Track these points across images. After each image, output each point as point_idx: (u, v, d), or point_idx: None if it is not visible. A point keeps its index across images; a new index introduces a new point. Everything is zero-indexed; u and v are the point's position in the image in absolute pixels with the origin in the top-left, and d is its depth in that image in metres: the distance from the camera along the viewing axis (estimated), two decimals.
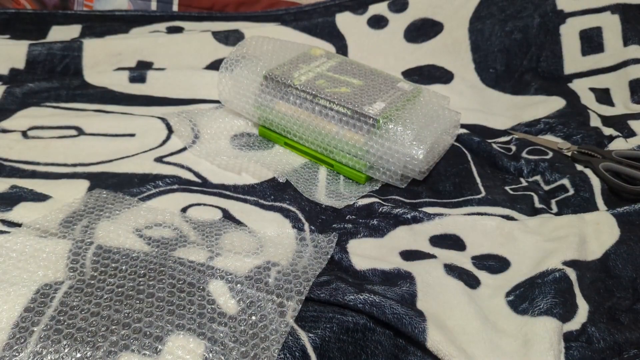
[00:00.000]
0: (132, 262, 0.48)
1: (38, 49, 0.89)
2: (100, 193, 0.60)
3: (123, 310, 0.44)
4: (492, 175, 0.70)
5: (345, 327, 0.45)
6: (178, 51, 0.94)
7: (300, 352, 0.43)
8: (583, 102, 0.86)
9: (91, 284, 0.46)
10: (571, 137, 0.78)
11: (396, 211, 0.61)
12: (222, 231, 0.56)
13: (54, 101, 0.81)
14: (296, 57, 0.75)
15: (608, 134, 0.78)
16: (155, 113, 0.78)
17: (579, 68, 0.92)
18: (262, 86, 0.71)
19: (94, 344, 0.41)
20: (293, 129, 0.70)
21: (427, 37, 0.98)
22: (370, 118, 0.64)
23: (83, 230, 0.53)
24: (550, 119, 0.81)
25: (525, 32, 0.95)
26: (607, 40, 0.92)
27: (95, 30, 0.99)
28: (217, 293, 0.46)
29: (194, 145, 0.72)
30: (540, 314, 0.49)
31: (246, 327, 0.44)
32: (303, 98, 0.68)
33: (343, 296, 0.47)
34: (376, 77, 0.72)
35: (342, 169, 0.68)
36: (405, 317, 0.46)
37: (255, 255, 0.53)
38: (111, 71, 0.88)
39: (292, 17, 1.04)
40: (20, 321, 0.41)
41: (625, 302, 0.53)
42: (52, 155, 0.68)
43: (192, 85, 0.86)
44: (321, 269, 0.51)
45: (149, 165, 0.67)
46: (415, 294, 0.50)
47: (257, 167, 0.68)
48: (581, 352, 0.47)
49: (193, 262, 0.49)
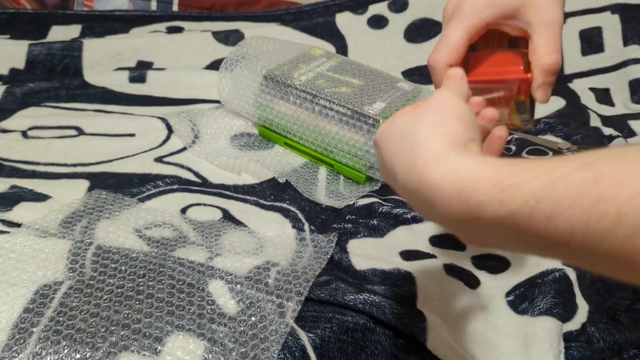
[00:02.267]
0: (131, 263, 0.48)
1: (38, 49, 0.89)
2: (100, 193, 0.60)
3: (122, 311, 0.43)
4: None
5: (345, 327, 0.45)
6: (178, 51, 0.94)
7: (300, 352, 0.43)
8: (583, 102, 0.86)
9: (91, 284, 0.46)
10: (571, 137, 0.78)
11: (396, 211, 0.61)
12: (222, 231, 0.56)
13: (54, 101, 0.81)
14: (296, 57, 0.75)
15: (608, 134, 0.78)
16: (155, 113, 0.78)
17: (579, 68, 0.92)
18: (262, 86, 0.71)
19: (94, 345, 0.40)
20: (293, 129, 0.70)
21: (427, 37, 0.98)
22: (370, 118, 0.64)
23: (83, 231, 0.53)
24: (550, 119, 0.81)
25: None
26: (607, 40, 0.92)
27: (95, 30, 0.99)
28: (217, 293, 0.46)
29: (194, 145, 0.71)
30: (540, 314, 0.49)
31: (246, 327, 0.44)
32: (303, 98, 0.68)
33: (343, 296, 0.47)
34: (376, 77, 0.72)
35: (342, 169, 0.68)
36: (405, 317, 0.46)
37: (255, 255, 0.53)
38: (111, 71, 0.88)
39: (292, 17, 1.04)
40: (19, 322, 0.41)
41: (625, 302, 0.52)
42: (52, 155, 0.68)
43: (192, 85, 0.86)
44: (321, 269, 0.51)
45: (149, 165, 0.67)
46: (415, 294, 0.50)
47: (257, 167, 0.68)
48: (581, 352, 0.47)
49: (193, 263, 0.49)
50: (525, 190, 0.25)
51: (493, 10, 0.41)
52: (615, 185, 0.22)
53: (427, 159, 0.30)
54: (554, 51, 0.40)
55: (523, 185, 0.25)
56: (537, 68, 0.41)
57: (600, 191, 0.22)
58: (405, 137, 0.33)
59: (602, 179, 0.22)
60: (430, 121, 0.32)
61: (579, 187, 0.23)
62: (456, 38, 0.42)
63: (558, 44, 0.40)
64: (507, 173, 0.26)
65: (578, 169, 0.24)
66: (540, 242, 0.25)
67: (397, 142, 0.33)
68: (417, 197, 0.31)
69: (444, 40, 0.43)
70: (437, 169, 0.29)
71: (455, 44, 0.42)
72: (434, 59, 0.43)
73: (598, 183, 0.22)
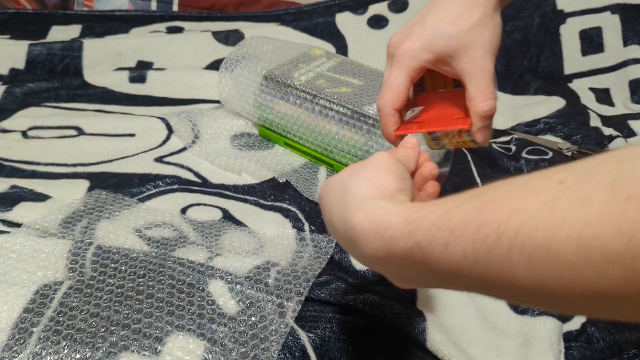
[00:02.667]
0: (131, 263, 0.48)
1: (38, 49, 0.89)
2: (100, 193, 0.60)
3: (122, 311, 0.43)
4: (492, 175, 0.70)
5: (345, 327, 0.45)
6: (178, 51, 0.94)
7: (300, 352, 0.43)
8: (583, 102, 0.86)
9: (91, 284, 0.46)
10: (571, 137, 0.78)
11: None
12: (222, 231, 0.56)
13: (54, 101, 0.81)
14: (296, 57, 0.75)
15: (608, 134, 0.78)
16: (155, 113, 0.78)
17: (579, 68, 0.92)
18: (262, 86, 0.71)
19: (94, 345, 0.40)
20: (293, 129, 0.70)
21: None
22: (370, 118, 0.64)
23: (83, 231, 0.53)
24: (550, 119, 0.81)
25: (525, 32, 0.95)
26: (607, 40, 0.92)
27: (95, 30, 0.99)
28: (217, 293, 0.46)
29: (194, 145, 0.71)
30: (540, 313, 0.49)
31: (246, 327, 0.44)
32: (303, 98, 0.68)
33: (343, 296, 0.47)
34: (376, 77, 0.72)
35: (342, 169, 0.68)
36: (405, 317, 0.46)
37: (255, 255, 0.53)
38: (111, 71, 0.88)
39: (292, 17, 1.04)
40: (19, 322, 0.41)
41: None
42: (52, 155, 0.68)
43: (192, 85, 0.86)
44: (321, 269, 0.51)
45: (149, 165, 0.67)
46: (415, 294, 0.50)
47: (257, 167, 0.68)
48: (581, 352, 0.47)
49: (193, 263, 0.49)
50: (427, 221, 0.27)
51: (430, 55, 0.44)
52: (494, 210, 0.24)
53: (355, 204, 0.33)
54: (489, 97, 0.43)
55: (426, 217, 0.28)
56: (474, 115, 0.44)
57: (483, 217, 0.25)
58: (341, 188, 0.36)
59: (484, 206, 0.25)
60: (364, 174, 0.36)
61: (468, 215, 0.25)
62: (398, 83, 0.45)
63: (492, 90, 0.43)
64: (415, 208, 0.29)
65: (468, 199, 0.26)
66: (444, 270, 0.27)
67: (334, 192, 0.37)
68: (347, 241, 0.34)
69: (388, 85, 0.46)
70: (361, 212, 0.32)
71: (397, 89, 0.45)
72: (381, 104, 0.46)
73: (481, 209, 0.25)
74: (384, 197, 0.33)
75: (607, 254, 0.20)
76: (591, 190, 0.21)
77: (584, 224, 0.21)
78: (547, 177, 0.23)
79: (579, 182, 0.22)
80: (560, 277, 0.22)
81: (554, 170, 0.24)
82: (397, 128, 0.47)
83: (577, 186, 0.22)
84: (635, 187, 0.20)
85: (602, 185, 0.21)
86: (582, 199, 0.21)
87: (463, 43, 0.42)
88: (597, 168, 0.22)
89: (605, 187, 0.21)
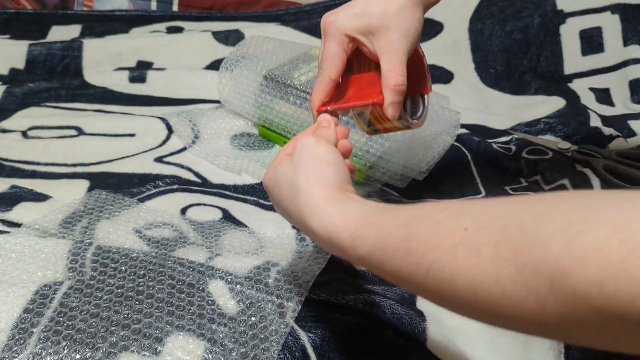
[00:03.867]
0: (131, 263, 0.48)
1: (38, 49, 0.89)
2: (100, 193, 0.60)
3: (122, 311, 0.43)
4: (492, 175, 0.70)
5: (345, 327, 0.45)
6: (178, 51, 0.94)
7: (300, 352, 0.43)
8: (583, 102, 0.86)
9: (91, 284, 0.46)
10: (571, 137, 0.78)
11: None
12: (222, 231, 0.56)
13: (54, 101, 0.81)
14: (296, 57, 0.75)
15: (608, 134, 0.78)
16: (155, 113, 0.78)
17: (579, 68, 0.92)
18: (262, 86, 0.71)
19: (94, 345, 0.40)
20: (293, 129, 0.70)
21: (427, 37, 0.98)
22: None
23: (83, 231, 0.53)
24: (550, 119, 0.81)
25: (525, 32, 0.95)
26: (607, 40, 0.92)
27: (95, 30, 0.99)
28: (217, 293, 0.46)
29: (194, 145, 0.71)
30: None
31: (246, 327, 0.44)
32: (303, 98, 0.68)
33: (343, 296, 0.47)
34: None
35: None
36: (405, 317, 0.46)
37: (255, 255, 0.53)
38: (111, 71, 0.89)
39: (292, 17, 1.04)
40: (19, 322, 0.41)
41: None
42: (52, 155, 0.68)
43: (192, 85, 0.86)
44: (321, 269, 0.51)
45: (149, 165, 0.67)
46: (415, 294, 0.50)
47: (257, 167, 0.68)
48: (581, 352, 0.47)
49: (193, 263, 0.49)
50: (367, 241, 0.34)
51: (357, 23, 0.48)
52: (417, 242, 0.30)
53: (310, 209, 0.38)
54: (399, 74, 0.47)
55: (365, 238, 0.34)
56: (386, 89, 0.48)
57: (408, 246, 0.30)
58: (288, 185, 0.41)
59: (411, 237, 0.30)
60: (304, 170, 0.40)
61: (397, 243, 0.31)
62: (333, 53, 0.50)
63: (403, 69, 0.47)
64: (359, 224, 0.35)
65: (397, 228, 0.32)
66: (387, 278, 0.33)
67: (283, 189, 0.42)
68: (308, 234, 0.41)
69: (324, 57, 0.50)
70: (316, 220, 0.37)
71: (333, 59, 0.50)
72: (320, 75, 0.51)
73: (408, 240, 0.31)
74: (334, 191, 0.38)
75: (490, 296, 0.26)
76: (483, 245, 0.26)
77: (476, 271, 0.26)
78: (457, 221, 0.29)
79: (477, 235, 0.27)
80: (460, 306, 0.28)
81: (464, 214, 0.29)
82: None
83: (476, 238, 0.27)
84: (510, 251, 0.25)
85: (491, 242, 0.26)
86: (477, 251, 0.27)
87: (384, 24, 0.48)
88: (491, 225, 0.27)
89: (492, 247, 0.26)
